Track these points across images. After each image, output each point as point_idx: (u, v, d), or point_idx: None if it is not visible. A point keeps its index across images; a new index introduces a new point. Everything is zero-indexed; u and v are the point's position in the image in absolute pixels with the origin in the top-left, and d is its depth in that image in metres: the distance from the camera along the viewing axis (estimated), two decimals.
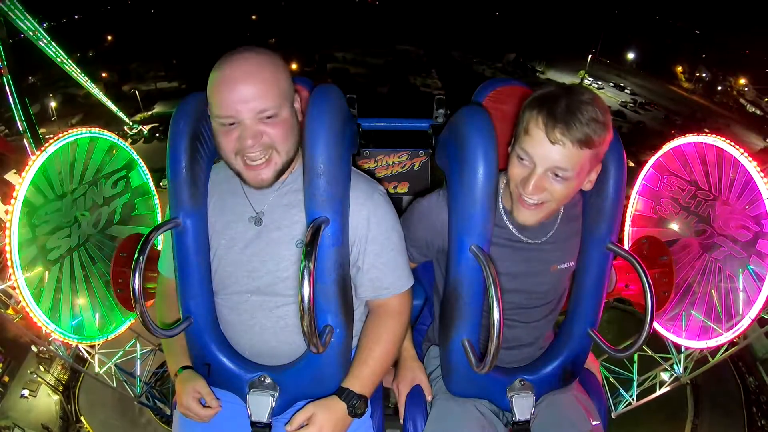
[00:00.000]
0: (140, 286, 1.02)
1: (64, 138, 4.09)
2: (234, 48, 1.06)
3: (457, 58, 39.65)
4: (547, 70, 38.71)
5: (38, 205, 4.05)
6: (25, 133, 16.58)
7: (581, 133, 0.99)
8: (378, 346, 1.21)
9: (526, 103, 1.07)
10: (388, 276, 1.22)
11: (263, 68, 1.03)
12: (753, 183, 3.79)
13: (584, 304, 1.26)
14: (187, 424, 1.21)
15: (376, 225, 1.18)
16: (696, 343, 4.76)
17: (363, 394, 1.17)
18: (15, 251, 3.93)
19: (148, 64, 35.75)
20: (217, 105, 1.03)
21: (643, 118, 31.21)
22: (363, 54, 38.91)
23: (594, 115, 0.99)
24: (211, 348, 1.19)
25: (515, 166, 1.10)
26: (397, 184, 2.07)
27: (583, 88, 1.05)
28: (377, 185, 1.23)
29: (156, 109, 31.04)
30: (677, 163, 4.34)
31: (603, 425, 1.27)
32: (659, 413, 11.37)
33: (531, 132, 1.04)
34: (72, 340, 4.68)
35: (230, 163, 1.10)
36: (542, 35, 40.25)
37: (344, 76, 36.48)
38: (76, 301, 4.55)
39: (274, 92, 1.04)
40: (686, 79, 37.11)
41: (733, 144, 3.91)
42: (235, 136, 1.05)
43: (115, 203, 4.58)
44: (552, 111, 1.00)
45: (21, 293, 4.06)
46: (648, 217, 4.50)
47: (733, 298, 4.25)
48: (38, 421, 12.42)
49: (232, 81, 1.01)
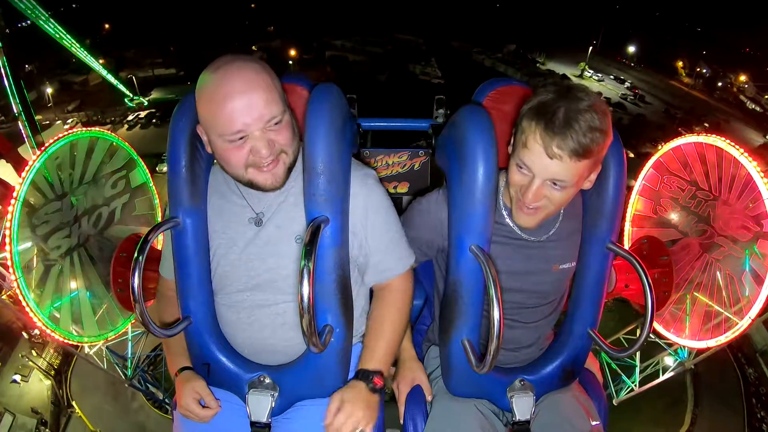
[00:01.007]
0: (140, 285, 1.02)
1: (65, 138, 4.09)
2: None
3: (457, 48, 39.55)
4: (547, 61, 38.76)
5: (38, 205, 4.05)
6: (20, 116, 16.13)
7: (579, 146, 0.98)
8: (386, 326, 1.24)
9: (524, 111, 1.06)
10: (391, 258, 1.23)
11: (259, 74, 1.01)
12: (753, 183, 3.79)
13: (584, 304, 1.25)
14: (186, 425, 1.21)
15: (374, 211, 1.18)
16: (696, 342, 4.76)
17: (379, 369, 1.20)
18: (15, 251, 3.93)
19: (145, 51, 35.93)
20: (223, 123, 1.00)
21: (643, 111, 31.31)
22: (362, 42, 38.87)
23: (593, 124, 0.98)
24: (211, 348, 1.19)
25: (514, 173, 1.10)
26: (397, 184, 2.07)
27: (581, 88, 1.03)
28: (369, 170, 1.23)
29: (153, 95, 31.35)
30: (677, 163, 4.33)
31: (603, 425, 1.27)
32: (659, 402, 11.46)
33: (529, 145, 1.03)
34: (72, 340, 4.68)
35: (239, 177, 1.09)
36: (543, 28, 40.23)
37: (343, 63, 36.57)
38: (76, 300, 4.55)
39: (276, 97, 1.03)
40: (686, 74, 37.22)
41: (733, 144, 3.90)
42: (246, 150, 1.03)
43: (115, 203, 4.57)
44: (549, 124, 0.99)
45: (21, 293, 4.06)
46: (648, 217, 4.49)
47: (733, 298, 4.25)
48: (30, 406, 12.23)
49: (234, 94, 0.98)
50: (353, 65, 36.29)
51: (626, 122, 28.75)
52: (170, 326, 1.15)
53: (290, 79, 1.25)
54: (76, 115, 28.57)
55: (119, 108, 29.47)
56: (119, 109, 29.46)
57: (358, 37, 38.94)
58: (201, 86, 1.02)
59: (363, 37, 38.92)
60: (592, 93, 1.03)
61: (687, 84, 36.23)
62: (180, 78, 32.91)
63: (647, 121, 29.65)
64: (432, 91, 35.55)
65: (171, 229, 1.15)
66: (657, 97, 33.69)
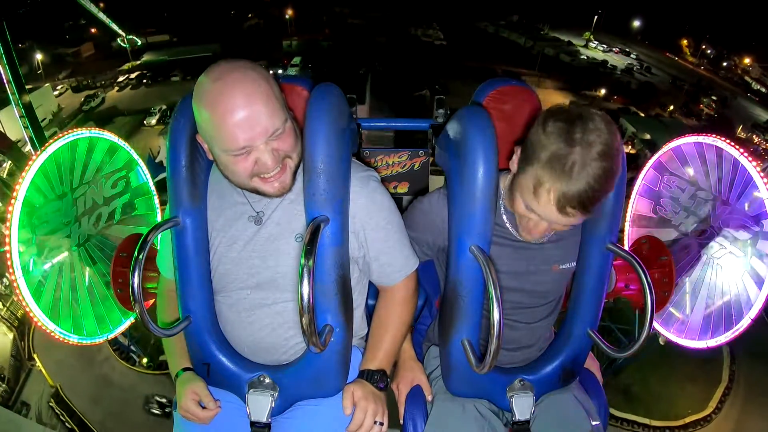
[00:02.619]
0: (139, 285, 1.02)
1: (64, 138, 4.09)
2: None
3: (460, 14, 39.03)
4: (551, 32, 38.85)
5: (38, 205, 4.05)
6: (9, 84, 15.58)
7: (592, 204, 0.99)
8: (390, 328, 1.26)
9: (534, 154, 1.00)
10: (398, 259, 1.24)
11: (259, 86, 0.99)
12: (753, 183, 3.79)
13: (584, 304, 1.26)
14: (186, 425, 1.21)
15: (376, 212, 1.18)
16: (696, 342, 4.77)
17: (382, 368, 1.22)
18: (15, 251, 3.93)
19: (139, 21, 36.19)
20: (225, 139, 0.98)
21: (650, 80, 31.53)
22: (361, 5, 38.46)
23: (608, 174, 0.96)
24: (211, 347, 1.19)
25: (521, 208, 1.10)
26: (397, 184, 2.07)
27: (593, 117, 0.96)
28: (371, 171, 1.23)
29: (145, 57, 32.21)
30: (677, 163, 4.34)
31: (603, 425, 1.27)
32: (693, 360, 11.21)
33: (542, 200, 1.02)
34: (72, 339, 4.69)
35: (243, 185, 1.08)
36: (546, 1, 39.86)
37: (342, 25, 36.09)
38: (76, 300, 4.56)
39: (278, 107, 1.01)
40: (691, 54, 37.36)
41: (733, 144, 3.91)
42: (251, 161, 1.02)
43: (115, 203, 4.58)
44: (565, 185, 0.97)
45: (21, 293, 4.06)
46: (648, 217, 4.49)
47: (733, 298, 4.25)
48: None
49: (235, 110, 0.96)
50: (352, 28, 35.63)
51: (635, 87, 29.02)
52: (170, 326, 1.15)
53: (290, 79, 1.26)
54: (66, 82, 28.62)
55: (109, 73, 30.21)
56: (109, 74, 30.15)
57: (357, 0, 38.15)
58: (199, 97, 0.99)
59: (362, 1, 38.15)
60: (604, 121, 0.97)
61: (692, 63, 36.38)
62: (173, 44, 33.41)
63: (655, 87, 29.80)
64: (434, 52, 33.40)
65: (171, 228, 1.15)
66: (663, 70, 33.90)
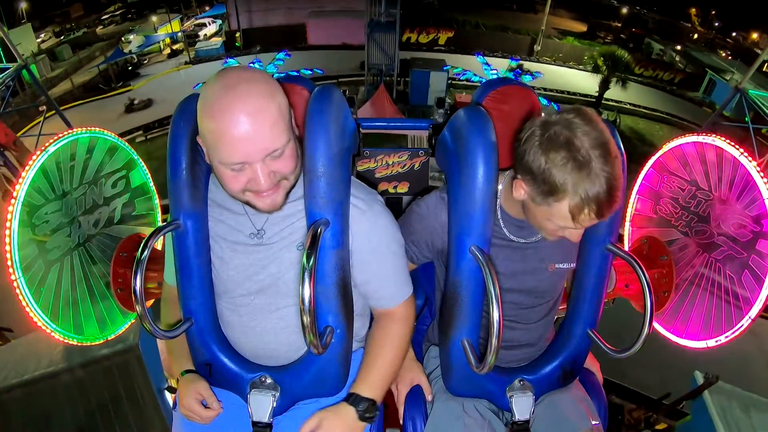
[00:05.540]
0: (141, 288, 1.02)
1: (64, 138, 4.07)
2: None
3: None
4: None
5: (38, 205, 4.05)
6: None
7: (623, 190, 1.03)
8: (385, 350, 1.21)
9: (557, 189, 0.99)
10: (391, 286, 1.22)
11: (267, 102, 0.95)
12: (753, 183, 3.79)
13: (584, 304, 1.26)
14: (188, 425, 1.21)
15: (378, 237, 1.16)
16: (696, 342, 4.77)
17: (372, 398, 1.17)
18: (15, 251, 3.93)
19: None
20: (223, 151, 0.95)
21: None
22: None
23: (616, 159, 0.98)
24: (212, 348, 1.20)
25: (550, 225, 1.09)
26: (397, 184, 2.07)
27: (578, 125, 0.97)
28: (376, 194, 1.21)
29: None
30: (677, 162, 4.33)
31: (603, 425, 1.28)
32: None
33: (584, 222, 1.02)
34: (72, 340, 4.68)
35: (236, 197, 1.06)
36: None
37: None
38: (76, 301, 4.55)
39: (282, 126, 0.98)
40: (699, 23, 37.44)
41: (733, 144, 3.91)
42: (244, 178, 0.99)
43: (115, 203, 4.56)
44: (597, 198, 0.98)
45: (21, 293, 4.06)
46: (648, 217, 4.48)
47: (733, 298, 4.25)
48: None
49: (239, 123, 0.92)
50: None
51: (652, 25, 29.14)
52: (172, 327, 1.16)
53: (291, 80, 1.26)
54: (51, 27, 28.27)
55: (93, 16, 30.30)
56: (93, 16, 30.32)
57: None
58: (204, 102, 0.96)
59: None
60: (584, 121, 0.98)
61: (700, 32, 36.59)
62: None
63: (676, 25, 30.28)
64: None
65: (172, 231, 1.15)
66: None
